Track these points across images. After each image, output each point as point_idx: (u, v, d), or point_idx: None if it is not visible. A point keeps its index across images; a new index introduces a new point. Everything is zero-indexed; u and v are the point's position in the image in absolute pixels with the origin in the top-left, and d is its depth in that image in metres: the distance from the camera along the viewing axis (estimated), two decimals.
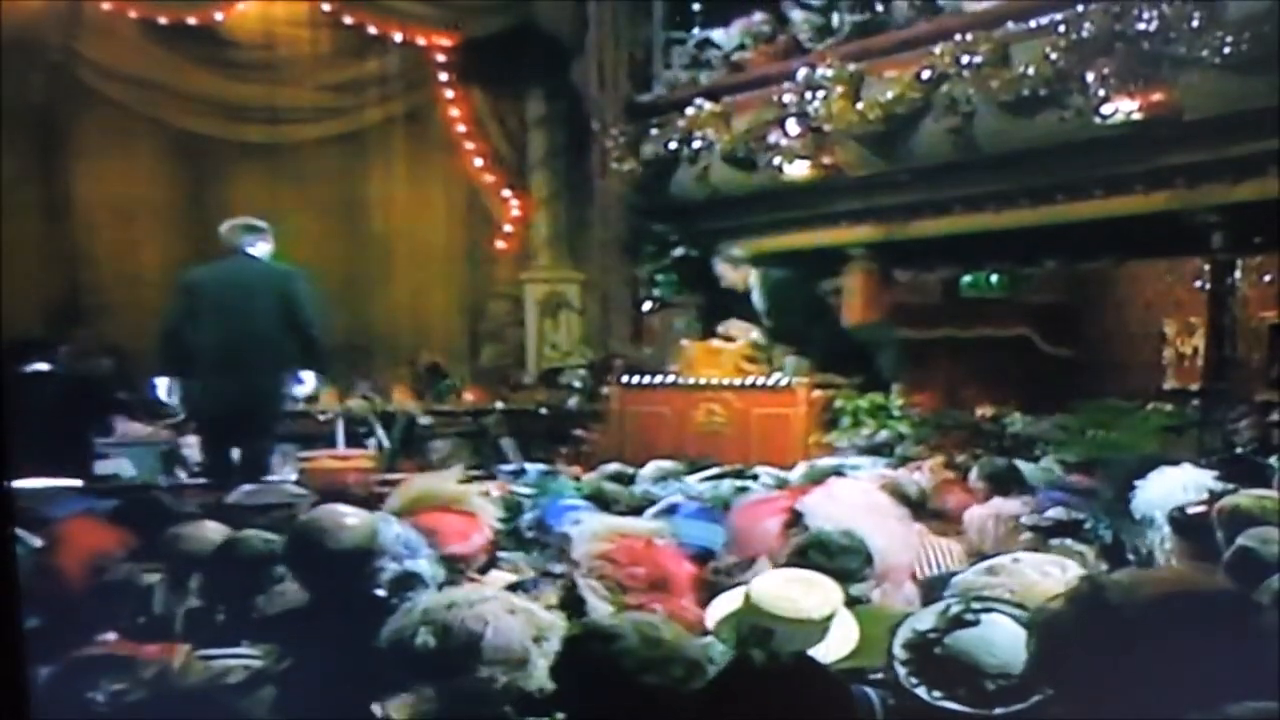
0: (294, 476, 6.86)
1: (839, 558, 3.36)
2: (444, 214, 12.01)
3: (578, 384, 9.90)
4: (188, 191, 11.02)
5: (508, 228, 12.07)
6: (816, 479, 5.88)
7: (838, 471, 5.93)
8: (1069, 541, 3.60)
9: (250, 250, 6.85)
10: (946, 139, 8.19)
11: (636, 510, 4.54)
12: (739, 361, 7.58)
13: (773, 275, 8.05)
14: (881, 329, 8.67)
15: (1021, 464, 5.68)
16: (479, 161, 11.91)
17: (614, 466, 6.56)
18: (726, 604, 3.00)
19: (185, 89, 10.90)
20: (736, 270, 8.07)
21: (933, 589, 3.42)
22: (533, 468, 6.56)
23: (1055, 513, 3.97)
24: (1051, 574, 2.86)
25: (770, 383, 7.40)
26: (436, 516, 3.85)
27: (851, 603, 3.10)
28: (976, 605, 2.56)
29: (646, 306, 10.84)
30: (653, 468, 6.28)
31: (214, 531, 3.84)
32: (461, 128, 11.86)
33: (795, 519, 4.05)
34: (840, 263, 9.37)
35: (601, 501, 4.87)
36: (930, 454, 6.56)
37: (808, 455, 6.81)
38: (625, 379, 8.06)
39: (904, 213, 9.12)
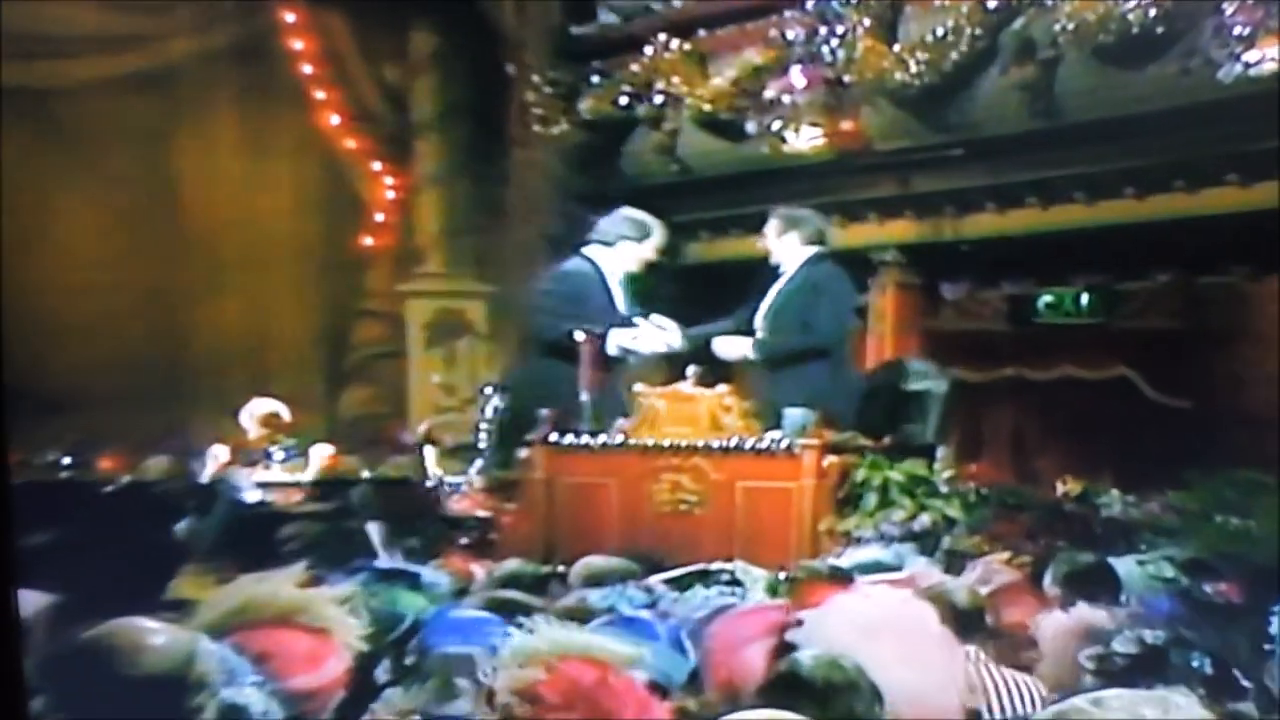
0: None
1: (830, 699, 3.40)
2: (288, 195, 12.12)
3: (482, 444, 9.92)
4: None
5: (380, 216, 12.19)
6: (827, 582, 6.01)
7: (850, 573, 6.05)
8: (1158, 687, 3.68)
9: (589, 251, 8.50)
10: (1018, 98, 8.40)
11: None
12: (718, 413, 7.64)
13: (826, 265, 8.21)
14: (922, 367, 8.80)
15: (1118, 562, 5.82)
16: (337, 119, 12.02)
17: (514, 564, 6.63)
18: None
19: None
20: (783, 234, 8.20)
21: None
22: (385, 563, 6.62)
23: (1121, 644, 4.07)
24: None
25: (764, 444, 7.46)
26: (272, 635, 3.91)
27: None
28: None
29: (579, 333, 10.93)
30: (589, 565, 6.36)
31: None
32: (311, 69, 11.95)
33: (784, 648, 4.13)
34: (866, 273, 9.55)
35: (509, 613, 4.94)
36: (990, 547, 6.68)
37: (816, 548, 6.95)
38: (553, 437, 8.08)
39: (956, 203, 9.32)
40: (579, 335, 8.20)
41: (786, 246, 8.17)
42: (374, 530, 8.94)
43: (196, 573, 8.41)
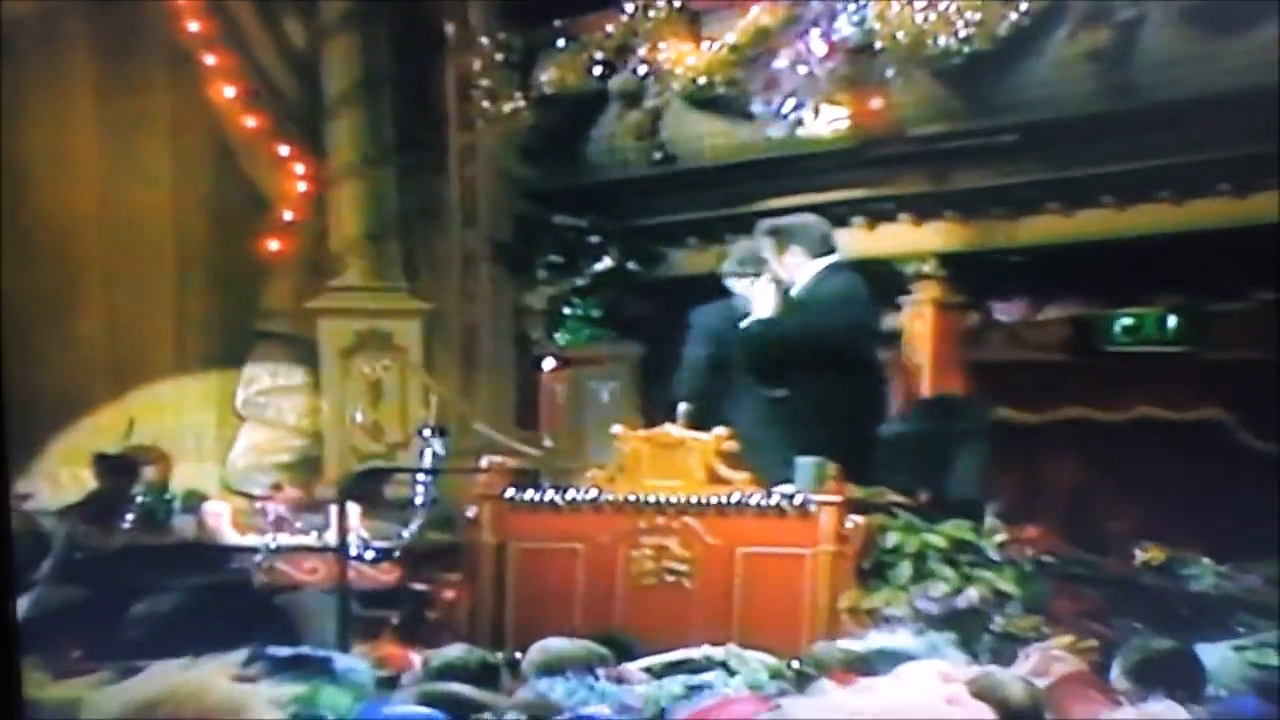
0: None
1: None
2: (166, 186, 12.13)
3: (418, 499, 10.00)
4: None
5: (288, 215, 12.17)
6: (846, 671, 6.22)
7: (875, 661, 6.24)
8: None
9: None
10: (1088, 71, 8.54)
11: None
12: (712, 462, 7.80)
13: (841, 276, 8.40)
14: (966, 407, 8.97)
15: (1208, 648, 6.02)
16: (232, 91, 12.05)
17: (457, 650, 6.73)
18: None
19: None
20: (784, 250, 8.41)
21: None
22: (286, 649, 6.75)
23: None
24: None
25: (771, 501, 7.61)
26: None
27: None
28: None
29: (548, 363, 11.10)
30: (549, 650, 6.54)
31: None
32: (197, 26, 11.92)
33: None
34: (896, 289, 9.72)
35: (450, 710, 5.12)
36: (1051, 629, 6.88)
37: (834, 630, 7.12)
38: (507, 493, 8.20)
39: (1009, 202, 9.45)
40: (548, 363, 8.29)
41: (794, 264, 8.40)
42: (284, 606, 9.03)
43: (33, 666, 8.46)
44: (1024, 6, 8.63)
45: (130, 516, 9.77)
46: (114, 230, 12.03)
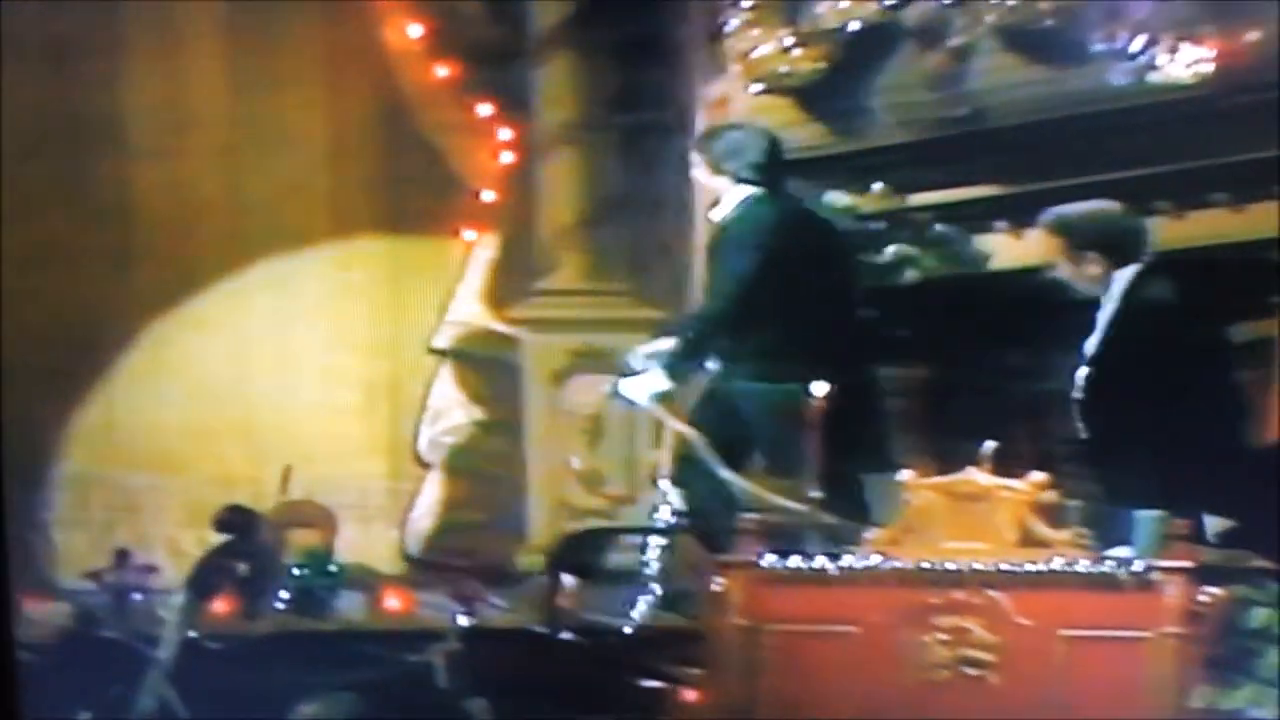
0: None
1: None
2: (318, 160, 12.81)
3: (650, 569, 10.52)
4: None
5: (489, 194, 12.70)
6: None
7: None
8: None
9: None
10: None
11: None
12: (1026, 518, 8.16)
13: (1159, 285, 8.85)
14: None
15: None
16: (418, 31, 12.64)
17: None
18: None
19: None
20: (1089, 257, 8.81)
21: None
22: None
23: None
24: None
25: (1102, 568, 7.91)
26: None
27: None
28: None
29: (817, 389, 11.32)
30: None
31: None
32: None
33: None
34: (1265, 286, 9.94)
35: None
36: None
37: None
38: (760, 558, 8.55)
39: None
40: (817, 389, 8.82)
41: (1093, 271, 8.87)
42: (476, 710, 9.54)
43: None
44: None
45: (284, 594, 10.40)
46: (244, 217, 12.73)
